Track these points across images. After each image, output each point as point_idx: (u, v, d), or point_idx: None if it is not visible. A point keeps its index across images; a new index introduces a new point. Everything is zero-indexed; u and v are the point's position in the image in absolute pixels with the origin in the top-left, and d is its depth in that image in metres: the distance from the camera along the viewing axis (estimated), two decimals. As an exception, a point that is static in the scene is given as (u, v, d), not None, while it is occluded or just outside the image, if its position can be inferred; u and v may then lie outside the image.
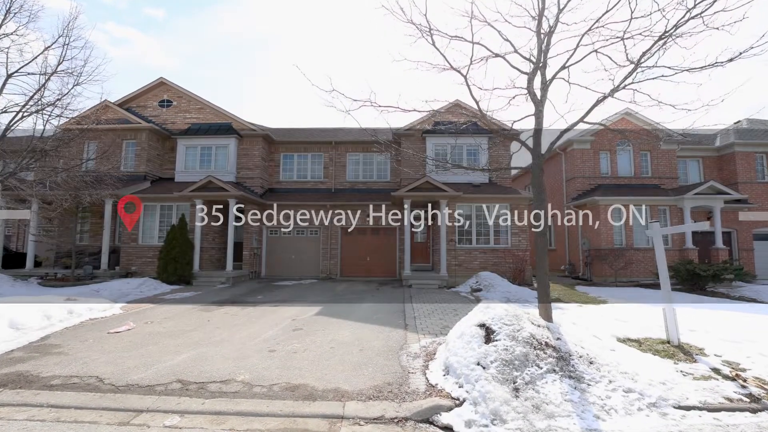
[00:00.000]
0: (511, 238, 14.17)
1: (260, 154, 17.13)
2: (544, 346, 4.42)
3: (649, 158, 17.61)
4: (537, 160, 6.05)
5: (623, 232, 15.50)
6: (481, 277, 12.62)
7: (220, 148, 16.99)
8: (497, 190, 15.03)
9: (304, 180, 18.07)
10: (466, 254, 14.09)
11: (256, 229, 16.50)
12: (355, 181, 17.88)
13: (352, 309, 9.07)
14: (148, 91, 17.79)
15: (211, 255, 15.66)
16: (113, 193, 14.22)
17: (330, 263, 16.55)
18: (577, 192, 17.33)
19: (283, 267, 16.81)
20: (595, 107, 5.88)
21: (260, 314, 8.43)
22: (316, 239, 16.96)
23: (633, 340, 5.99)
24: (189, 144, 16.97)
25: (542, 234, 5.78)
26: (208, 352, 5.56)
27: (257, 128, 17.16)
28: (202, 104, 17.64)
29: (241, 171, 17.02)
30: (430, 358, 5.17)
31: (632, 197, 15.44)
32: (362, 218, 16.68)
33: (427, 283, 13.26)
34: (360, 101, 6.06)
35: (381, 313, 8.50)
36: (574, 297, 11.04)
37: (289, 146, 18.22)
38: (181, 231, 13.80)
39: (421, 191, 13.81)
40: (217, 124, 17.43)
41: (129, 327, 7.03)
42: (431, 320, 7.76)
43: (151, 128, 16.39)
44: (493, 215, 14.33)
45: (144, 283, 12.23)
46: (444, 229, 13.72)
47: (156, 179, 16.94)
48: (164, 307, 9.37)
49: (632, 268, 14.89)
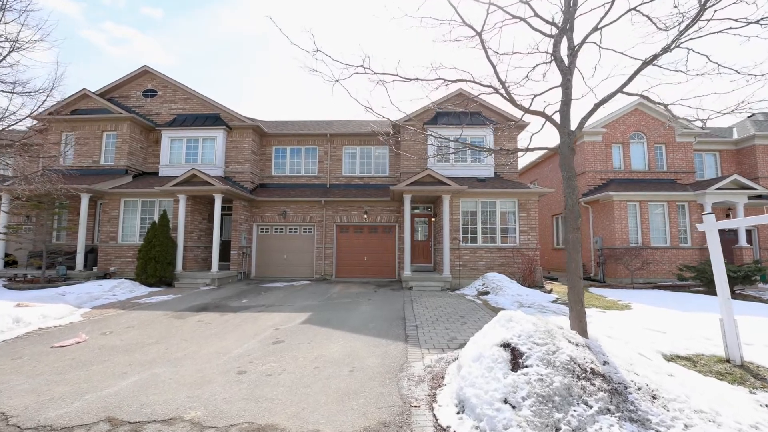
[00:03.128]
0: (520, 236, 13.11)
1: (250, 147, 16.04)
2: (590, 373, 3.35)
3: (665, 151, 16.55)
4: (566, 138, 4.99)
5: (639, 229, 14.44)
6: (488, 278, 11.55)
7: (208, 141, 15.90)
8: (504, 184, 13.97)
9: (297, 175, 16.98)
10: (471, 254, 13.02)
11: (246, 227, 15.43)
12: (351, 176, 16.80)
13: (345, 315, 7.99)
14: (131, 80, 16.69)
15: (197, 254, 14.57)
16: (89, 188, 13.13)
17: (325, 263, 15.47)
18: (588, 187, 16.26)
19: (275, 267, 15.73)
20: (640, 71, 4.82)
21: (239, 322, 7.36)
22: (309, 238, 15.88)
23: (683, 357, 4.93)
24: (174, 136, 15.88)
25: (574, 227, 4.71)
26: (162, 375, 4.49)
27: (247, 119, 16.07)
28: (189, 94, 16.55)
29: (230, 165, 15.94)
30: (437, 384, 4.10)
31: (649, 192, 14.38)
32: (359, 215, 15.62)
33: (428, 285, 12.20)
34: (352, 66, 4.98)
35: (377, 321, 7.43)
36: (593, 301, 9.98)
37: (281, 139, 17.13)
38: (162, 228, 12.70)
39: (423, 185, 12.74)
40: (204, 115, 16.34)
41: (79, 340, 5.95)
42: (436, 330, 6.69)
43: (133, 119, 15.28)
44: (499, 211, 13.27)
45: (119, 285, 11.14)
46: (447, 226, 12.65)
47: (139, 174, 15.85)
48: (133, 313, 8.29)
49: (649, 268, 13.83)
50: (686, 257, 14.09)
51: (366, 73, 5.05)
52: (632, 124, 16.58)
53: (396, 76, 5.07)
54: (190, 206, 14.09)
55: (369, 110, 4.92)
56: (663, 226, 14.47)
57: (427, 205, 15.58)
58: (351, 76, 5.12)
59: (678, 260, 14.07)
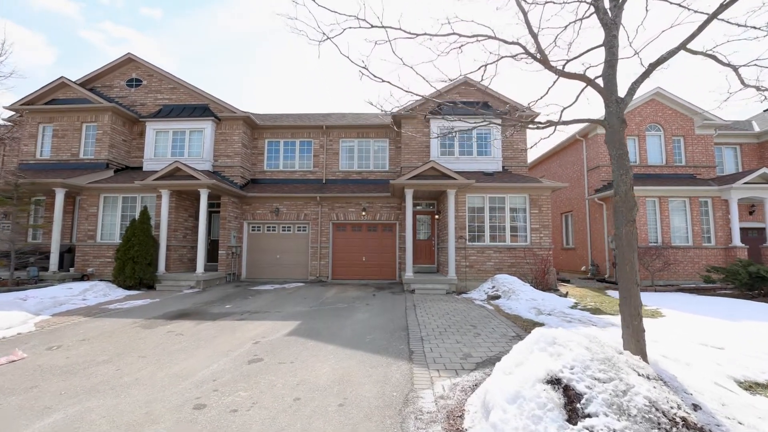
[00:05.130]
0: (531, 234, 12.07)
1: (241, 139, 14.99)
2: (682, 426, 2.30)
3: (683, 144, 15.52)
4: (614, 108, 3.96)
5: (659, 227, 13.40)
6: (498, 280, 10.52)
7: (195, 133, 14.85)
8: (514, 178, 12.93)
9: (291, 170, 15.93)
10: (479, 254, 11.98)
11: (236, 225, 14.38)
12: (348, 171, 15.75)
13: (339, 325, 6.96)
14: (114, 69, 15.63)
15: (182, 254, 13.52)
16: (65, 182, 12.08)
17: (320, 264, 14.43)
18: (601, 183, 15.23)
19: (266, 268, 14.69)
20: (708, 24, 3.79)
21: (215, 333, 6.32)
22: (304, 237, 14.84)
23: (764, 386, 3.90)
24: (159, 128, 14.84)
25: (629, 219, 3.69)
26: (95, 411, 3.45)
27: (237, 110, 15.02)
28: (176, 83, 15.50)
29: (219, 159, 14.90)
30: (455, 428, 3.06)
31: (669, 187, 13.34)
32: (357, 212, 14.58)
33: (432, 288, 11.16)
34: (344, 16, 3.94)
35: (376, 332, 6.39)
36: (617, 307, 8.94)
37: (274, 131, 16.08)
38: (142, 226, 11.65)
39: (425, 179, 11.70)
40: (191, 106, 15.30)
41: (14, 358, 4.91)
42: (445, 343, 5.65)
43: (115, 109, 14.23)
44: (509, 208, 12.24)
45: (92, 289, 10.11)
46: (452, 224, 11.61)
47: (122, 168, 14.80)
48: (97, 321, 7.25)
49: (670, 269, 12.78)
50: (710, 257, 13.05)
51: (361, 27, 4.02)
52: (648, 115, 15.55)
53: (399, 30, 4.04)
54: (174, 202, 13.05)
55: (364, 72, 3.89)
56: (684, 223, 13.44)
57: (429, 201, 14.55)
58: (343, 32, 4.08)
59: (701, 261, 13.04)
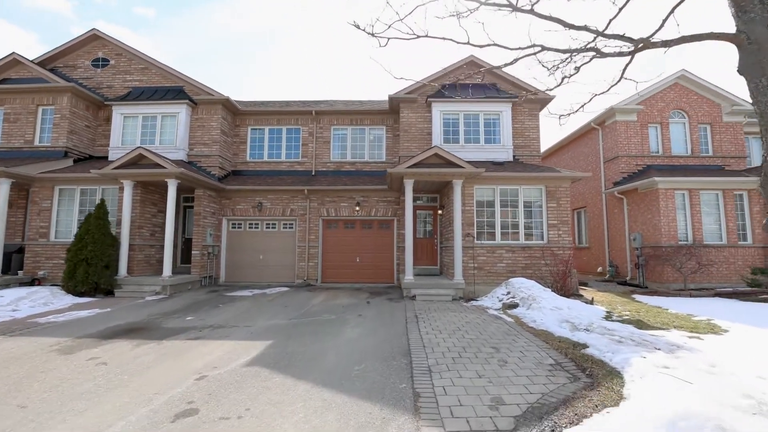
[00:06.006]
0: (548, 231, 10.53)
1: (220, 126, 13.35)
2: None
3: (710, 133, 14.07)
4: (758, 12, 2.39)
5: (688, 224, 11.91)
6: (514, 285, 8.97)
7: (168, 118, 13.20)
8: (527, 168, 11.40)
9: (277, 160, 14.32)
10: (488, 254, 10.44)
11: (213, 221, 12.76)
12: (341, 162, 14.16)
13: (320, 348, 5.37)
14: (77, 47, 13.94)
15: (149, 255, 11.87)
16: (8, 171, 10.40)
17: (308, 266, 12.83)
18: (621, 174, 13.74)
19: (248, 270, 13.07)
20: None
21: (152, 362, 4.72)
22: (290, 235, 13.23)
23: None
24: (127, 112, 13.18)
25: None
26: None
27: (216, 93, 13.38)
28: (147, 63, 13.84)
29: (194, 147, 13.26)
30: None
31: (701, 178, 11.85)
32: (350, 207, 13.00)
33: (436, 293, 9.61)
34: None
35: (368, 359, 4.81)
36: (660, 317, 7.42)
37: (258, 118, 14.45)
38: (98, 222, 10.01)
39: (428, 167, 10.14)
40: (164, 88, 13.65)
41: None
42: (463, 378, 4.08)
43: (75, 90, 12.55)
44: (522, 201, 10.70)
45: (29, 296, 8.48)
46: (459, 219, 10.06)
47: (85, 158, 13.13)
48: (7, 342, 5.61)
49: (703, 272, 11.28)
50: (747, 257, 11.58)
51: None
52: (672, 100, 14.08)
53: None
54: (139, 195, 11.41)
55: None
56: (717, 219, 11.96)
57: (431, 194, 13.00)
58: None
59: (737, 261, 11.56)
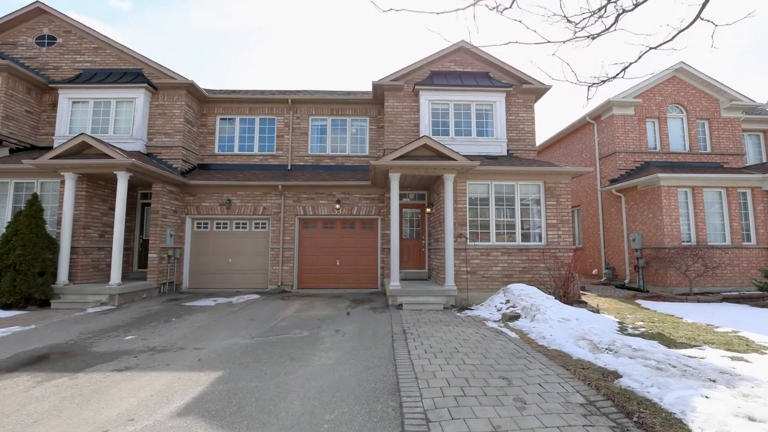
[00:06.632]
0: (547, 231, 9.59)
1: (183, 114, 11.91)
2: None
3: (708, 129, 13.48)
4: None
5: (692, 224, 11.21)
6: (513, 292, 7.95)
7: (124, 104, 11.68)
8: (524, 162, 10.46)
9: (249, 153, 12.96)
10: (483, 256, 9.42)
11: (174, 220, 11.34)
12: (320, 155, 12.92)
13: (282, 384, 4.17)
14: (18, 22, 12.23)
15: (97, 259, 10.37)
16: None
17: (282, 270, 11.55)
18: (618, 171, 12.99)
19: (216, 275, 11.70)
20: None
21: (44, 412, 3.43)
22: (263, 235, 11.92)
23: None
24: (77, 97, 11.60)
25: None
26: None
27: (179, 77, 11.93)
28: (100, 42, 12.26)
29: (154, 137, 11.78)
30: None
31: (706, 175, 11.16)
32: (329, 205, 11.79)
33: (425, 301, 8.52)
34: None
35: (344, 404, 3.64)
36: (681, 329, 6.52)
37: (228, 106, 13.07)
38: (29, 222, 8.50)
39: (416, 159, 9.04)
40: (120, 70, 12.11)
41: None
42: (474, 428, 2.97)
43: (11, 69, 10.89)
44: (519, 198, 9.73)
45: (-66, 312, 6.94)
46: (450, 218, 9.00)
47: (25, 147, 11.48)
48: None
49: (708, 274, 10.55)
50: (752, 259, 10.95)
51: None
52: (669, 94, 13.43)
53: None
54: (85, 190, 9.91)
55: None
56: (721, 219, 11.30)
57: (419, 191, 11.91)
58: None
59: (741, 263, 10.92)
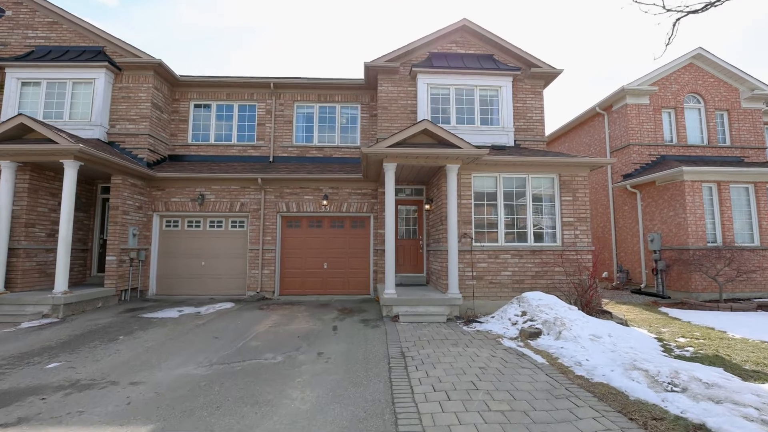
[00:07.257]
0: (563, 231, 8.42)
1: (151, 98, 10.53)
2: None
3: (727, 120, 12.49)
4: None
5: (717, 223, 10.16)
6: (531, 303, 6.75)
7: (82, 86, 10.28)
8: (535, 153, 9.30)
9: (227, 143, 11.60)
10: (491, 259, 8.22)
11: (139, 218, 9.96)
12: (306, 146, 11.62)
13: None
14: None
15: (45, 261, 8.94)
16: None
17: (263, 273, 10.23)
18: (633, 166, 11.92)
19: (187, 281, 10.34)
20: None
21: None
22: (241, 235, 10.60)
23: None
24: (27, 77, 10.17)
25: None
26: None
27: (146, 55, 10.54)
28: (56, 16, 10.81)
29: (117, 124, 10.39)
30: None
31: (733, 168, 10.13)
32: (316, 201, 10.52)
33: (425, 312, 7.29)
34: None
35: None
36: (735, 348, 5.37)
37: (203, 90, 11.70)
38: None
39: (414, 146, 7.82)
40: (79, 48, 10.68)
41: None
42: None
43: (-53, 43, 9.45)
44: (531, 193, 8.56)
45: None
46: (454, 215, 7.79)
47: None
48: None
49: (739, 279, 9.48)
50: (790, 262, 9.92)
51: None
52: (687, 83, 12.41)
53: None
54: (28, 182, 8.50)
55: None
56: (749, 217, 10.28)
57: (416, 186, 10.70)
58: None
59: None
